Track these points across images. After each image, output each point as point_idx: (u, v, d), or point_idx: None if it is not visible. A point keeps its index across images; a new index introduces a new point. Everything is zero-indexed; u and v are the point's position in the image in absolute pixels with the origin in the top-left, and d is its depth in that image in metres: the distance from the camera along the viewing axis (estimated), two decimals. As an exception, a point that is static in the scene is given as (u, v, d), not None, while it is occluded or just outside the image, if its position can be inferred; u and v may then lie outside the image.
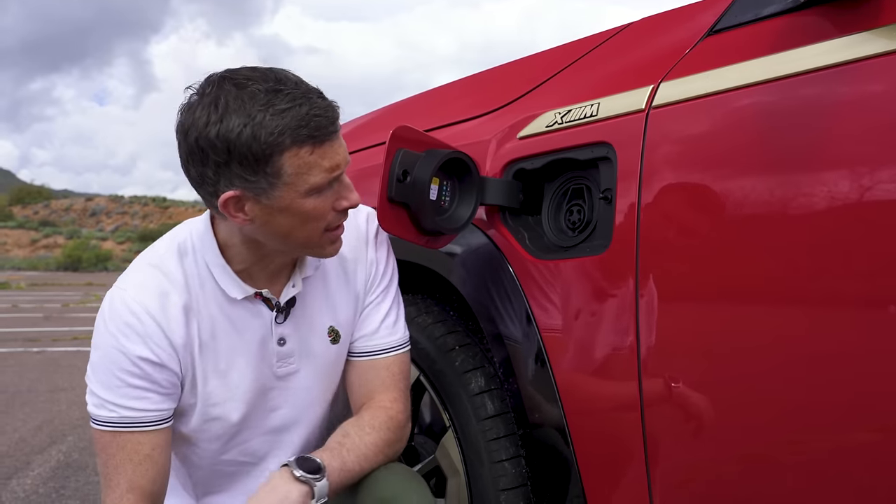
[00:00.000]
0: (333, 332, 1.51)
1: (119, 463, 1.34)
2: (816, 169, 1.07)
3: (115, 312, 1.36)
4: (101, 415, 1.35)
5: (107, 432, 1.34)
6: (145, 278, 1.39)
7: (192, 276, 1.40)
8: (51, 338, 8.98)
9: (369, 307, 1.55)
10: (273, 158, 1.23)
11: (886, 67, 1.03)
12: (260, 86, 1.24)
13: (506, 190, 1.52)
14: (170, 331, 1.36)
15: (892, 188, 1.00)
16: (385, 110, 2.23)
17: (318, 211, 1.31)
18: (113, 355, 1.34)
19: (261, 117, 1.22)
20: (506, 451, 1.52)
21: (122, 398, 1.34)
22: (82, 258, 37.91)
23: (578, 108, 1.42)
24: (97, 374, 1.36)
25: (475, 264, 1.60)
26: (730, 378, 1.18)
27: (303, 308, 1.49)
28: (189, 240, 1.42)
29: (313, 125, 1.24)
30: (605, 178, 1.36)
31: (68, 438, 4.12)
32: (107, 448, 1.35)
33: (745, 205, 1.15)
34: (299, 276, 1.47)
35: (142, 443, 1.35)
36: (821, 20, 1.13)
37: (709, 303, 1.21)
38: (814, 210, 1.07)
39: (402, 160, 1.43)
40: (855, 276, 1.04)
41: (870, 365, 1.02)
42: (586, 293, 1.36)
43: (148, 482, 1.35)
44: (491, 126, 1.64)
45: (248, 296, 1.41)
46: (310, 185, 1.27)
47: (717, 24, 1.29)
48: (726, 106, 1.20)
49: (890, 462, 1.02)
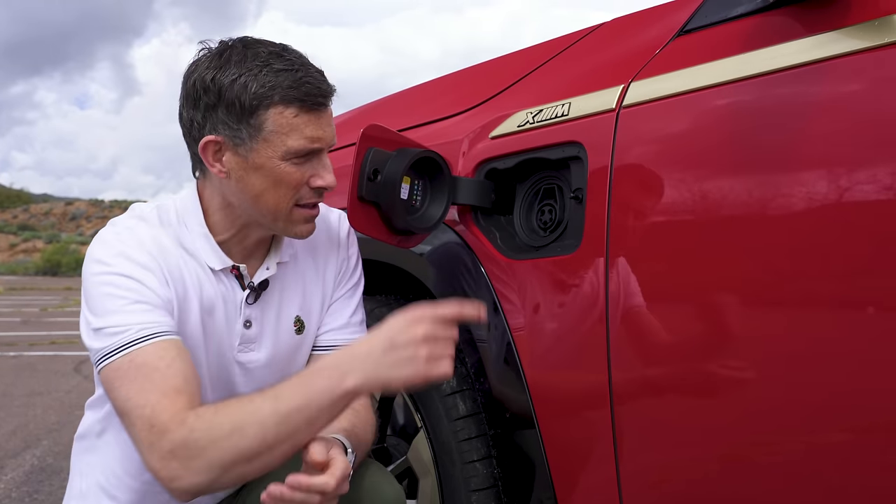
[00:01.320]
0: (299, 321, 1.51)
1: (144, 380, 1.22)
2: (787, 168, 1.08)
3: (109, 245, 1.33)
4: (112, 343, 1.25)
5: (125, 359, 1.23)
6: (135, 224, 1.38)
7: (172, 239, 1.39)
8: (28, 342, 8.90)
9: (337, 302, 1.55)
10: (259, 111, 1.28)
11: (855, 66, 1.04)
12: (265, 49, 1.31)
13: (478, 189, 1.52)
14: (161, 269, 1.34)
15: (862, 187, 1.01)
16: (358, 111, 2.23)
17: (291, 178, 1.32)
18: (112, 279, 1.29)
19: (256, 71, 1.28)
20: (477, 451, 1.52)
21: (130, 315, 1.27)
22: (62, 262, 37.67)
23: (550, 108, 1.42)
24: (97, 305, 1.29)
25: (447, 264, 1.59)
26: (700, 377, 1.17)
27: (273, 293, 1.48)
28: (172, 207, 1.43)
29: (304, 90, 1.28)
30: (577, 177, 1.36)
31: (43, 443, 4.07)
32: (126, 376, 1.22)
33: (716, 204, 1.15)
34: (275, 259, 1.47)
35: (166, 349, 1.26)
36: (790, 20, 1.14)
37: (679, 302, 1.21)
38: (785, 209, 1.07)
39: (372, 159, 1.42)
40: (828, 275, 1.04)
41: (845, 364, 1.03)
42: (557, 293, 1.36)
43: (181, 381, 1.23)
44: (463, 126, 1.63)
45: (225, 268, 1.41)
46: (287, 148, 1.29)
47: (688, 24, 1.29)
48: (696, 105, 1.21)
49: (864, 461, 1.03)
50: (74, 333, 9.87)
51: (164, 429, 1.18)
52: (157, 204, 1.44)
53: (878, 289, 0.99)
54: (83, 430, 1.53)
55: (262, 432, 1.17)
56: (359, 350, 1.22)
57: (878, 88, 1.02)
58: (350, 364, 1.20)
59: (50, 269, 36.71)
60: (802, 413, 1.07)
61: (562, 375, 1.37)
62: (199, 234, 1.40)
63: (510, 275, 1.45)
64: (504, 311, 1.45)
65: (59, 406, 5.04)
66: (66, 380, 6.20)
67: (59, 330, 10.44)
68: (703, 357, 1.16)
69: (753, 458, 1.13)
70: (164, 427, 1.18)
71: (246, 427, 1.17)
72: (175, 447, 1.17)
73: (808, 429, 1.08)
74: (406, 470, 1.72)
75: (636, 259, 1.24)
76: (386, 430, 1.87)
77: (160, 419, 1.19)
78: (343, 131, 1.53)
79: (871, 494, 1.02)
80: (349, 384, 1.18)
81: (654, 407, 1.24)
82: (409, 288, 1.82)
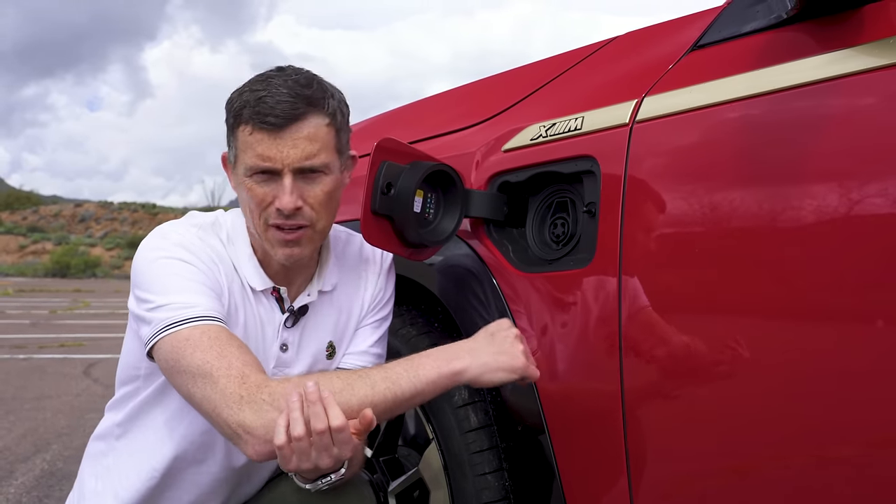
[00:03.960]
0: (331, 347, 1.54)
1: (223, 349, 1.25)
2: (800, 183, 1.08)
3: (169, 238, 1.39)
4: (180, 314, 1.29)
5: (195, 330, 1.27)
6: (195, 231, 1.43)
7: (223, 252, 1.44)
8: (37, 345, 8.92)
9: (363, 329, 1.59)
10: (236, 128, 1.36)
11: (869, 84, 1.04)
12: (269, 71, 1.38)
13: (490, 202, 1.52)
14: (217, 277, 1.40)
15: (875, 202, 1.01)
16: (371, 121, 2.23)
17: (255, 195, 1.35)
18: (174, 264, 1.35)
19: (242, 91, 1.36)
20: (489, 463, 1.52)
21: (198, 296, 1.32)
22: (71, 264, 37.75)
23: (563, 122, 1.42)
24: (160, 284, 1.33)
25: (459, 277, 1.60)
26: (713, 390, 1.18)
27: (313, 319, 1.51)
28: (225, 224, 1.47)
29: (258, 109, 1.31)
30: (589, 191, 1.36)
31: (53, 447, 4.08)
32: (200, 345, 1.25)
33: (729, 219, 1.15)
34: (317, 286, 1.50)
35: (233, 335, 1.31)
36: (804, 36, 1.14)
37: (692, 315, 1.21)
38: (797, 223, 1.08)
39: (386, 172, 1.43)
40: (842, 289, 1.04)
41: (860, 377, 1.03)
42: (570, 306, 1.36)
43: (256, 360, 1.28)
44: (476, 138, 1.64)
45: (266, 289, 1.44)
46: (245, 165, 1.35)
47: (702, 39, 1.30)
48: (710, 120, 1.21)
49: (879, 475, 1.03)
50: (84, 336, 9.91)
51: (262, 383, 1.22)
52: (213, 217, 1.48)
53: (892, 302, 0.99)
54: (101, 432, 1.56)
55: (370, 389, 1.25)
56: (461, 343, 1.36)
57: (892, 106, 1.02)
58: (456, 351, 1.34)
59: (59, 271, 36.79)
60: (817, 425, 1.07)
61: (574, 388, 1.37)
62: (244, 254, 1.44)
63: (522, 288, 1.46)
64: (516, 323, 1.45)
65: (69, 410, 5.06)
66: (76, 383, 6.21)
67: (69, 332, 10.46)
68: (716, 369, 1.16)
69: (766, 470, 1.13)
70: (261, 382, 1.23)
71: (356, 383, 1.25)
72: (277, 398, 1.20)
73: (823, 441, 1.07)
74: (417, 482, 1.73)
75: (649, 273, 1.25)
76: (397, 440, 1.87)
77: (254, 377, 1.23)
78: (356, 140, 1.53)
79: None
80: (457, 365, 1.31)
81: (666, 419, 1.24)
82: (421, 299, 1.83)
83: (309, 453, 1.16)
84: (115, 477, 1.49)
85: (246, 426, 1.19)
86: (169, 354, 1.27)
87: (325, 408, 1.15)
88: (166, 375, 1.32)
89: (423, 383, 1.28)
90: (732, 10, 1.27)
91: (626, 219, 1.28)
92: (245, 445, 1.20)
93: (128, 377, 1.50)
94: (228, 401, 1.20)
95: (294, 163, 1.32)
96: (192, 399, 1.26)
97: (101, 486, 1.50)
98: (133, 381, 1.49)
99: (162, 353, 1.29)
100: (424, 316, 1.79)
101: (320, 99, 1.34)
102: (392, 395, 1.26)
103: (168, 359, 1.28)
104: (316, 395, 1.15)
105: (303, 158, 1.32)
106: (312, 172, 1.34)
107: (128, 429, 1.50)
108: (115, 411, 1.54)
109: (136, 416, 1.49)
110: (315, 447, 1.16)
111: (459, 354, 1.33)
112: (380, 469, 1.81)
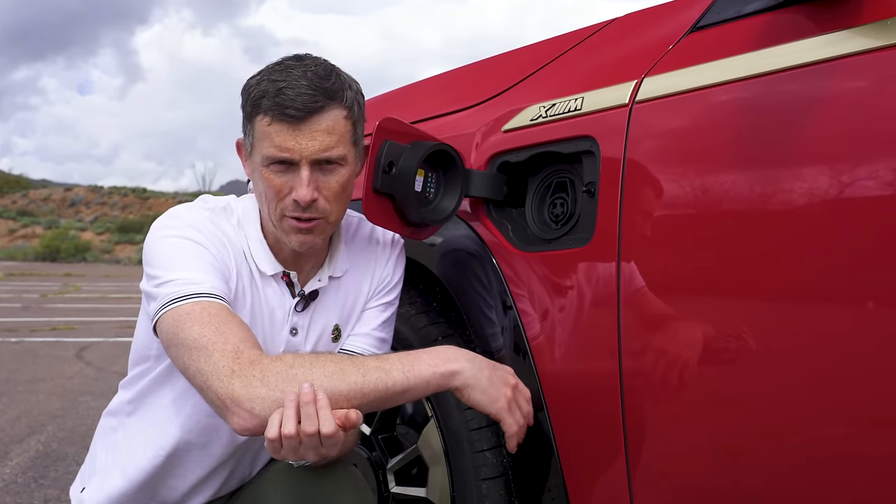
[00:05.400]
0: (337, 329, 1.55)
1: (220, 325, 1.26)
2: (798, 165, 1.09)
3: (183, 219, 1.40)
4: (184, 290, 1.30)
5: (196, 305, 1.28)
6: (208, 215, 1.44)
7: (233, 237, 1.44)
8: (29, 328, 8.90)
9: (368, 311, 1.59)
10: (253, 117, 1.35)
11: (867, 65, 1.05)
12: (287, 59, 1.38)
13: (490, 182, 1.53)
14: (225, 259, 1.41)
15: (874, 185, 1.02)
16: (371, 102, 2.23)
17: (272, 185, 1.35)
18: (186, 244, 1.37)
19: (260, 79, 1.35)
20: (487, 440, 1.54)
21: (204, 274, 1.33)
22: (61, 248, 37.58)
23: (563, 102, 1.43)
24: (168, 261, 1.35)
25: (459, 256, 1.61)
26: (711, 370, 1.19)
27: (322, 304, 1.52)
28: (237, 208, 1.48)
29: (278, 100, 1.31)
30: (589, 171, 1.37)
31: (47, 428, 4.09)
32: (200, 319, 1.27)
33: (728, 200, 1.16)
34: (328, 272, 1.51)
35: (233, 314, 1.32)
36: (802, 18, 1.14)
37: (691, 296, 1.22)
38: (796, 206, 1.08)
39: (387, 151, 1.44)
40: (839, 271, 1.05)
41: (855, 360, 1.04)
42: (569, 285, 1.38)
43: (254, 338, 1.30)
44: (476, 119, 1.64)
45: (276, 273, 1.45)
46: (262, 155, 1.35)
47: (700, 21, 1.30)
48: (709, 101, 1.22)
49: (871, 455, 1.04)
50: (75, 319, 9.90)
51: (255, 359, 1.23)
52: (225, 202, 1.49)
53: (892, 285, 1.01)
54: (113, 408, 1.58)
55: (361, 378, 1.25)
56: (468, 352, 1.35)
57: (891, 87, 1.03)
58: (456, 355, 1.34)
59: (49, 255, 36.62)
60: (812, 407, 1.09)
61: (573, 367, 1.39)
62: (254, 239, 1.45)
63: (522, 267, 1.47)
64: (516, 302, 1.47)
65: (62, 392, 5.06)
66: (69, 366, 6.22)
67: (60, 316, 10.45)
68: (714, 350, 1.18)
69: (762, 450, 1.14)
70: (254, 358, 1.23)
71: (348, 370, 1.25)
72: (267, 375, 1.21)
73: (818, 423, 1.09)
74: (416, 459, 1.74)
75: (648, 252, 1.26)
76: (395, 419, 1.89)
77: (248, 353, 1.24)
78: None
79: (876, 488, 1.04)
80: (453, 367, 1.31)
81: (664, 399, 1.25)
82: (420, 278, 1.84)
83: (297, 449, 1.18)
84: (124, 452, 1.51)
85: (234, 398, 1.19)
86: (169, 328, 1.28)
87: (317, 411, 1.16)
88: (166, 350, 1.32)
89: (415, 379, 1.28)
90: (732, -8, 1.27)
91: (626, 198, 1.29)
92: (232, 417, 1.20)
93: (140, 357, 1.51)
94: (220, 374, 1.21)
95: (312, 155, 1.32)
96: (187, 372, 1.27)
97: (110, 461, 1.52)
98: (145, 360, 1.50)
99: (164, 327, 1.30)
100: (423, 295, 1.80)
101: (339, 91, 1.34)
102: (383, 386, 1.25)
103: (168, 332, 1.29)
104: (310, 397, 1.16)
105: (321, 151, 1.32)
106: (329, 164, 1.35)
107: (137, 406, 1.52)
108: (126, 389, 1.56)
109: (145, 395, 1.51)
110: (304, 445, 1.17)
111: (458, 359, 1.33)
112: (378, 447, 1.82)
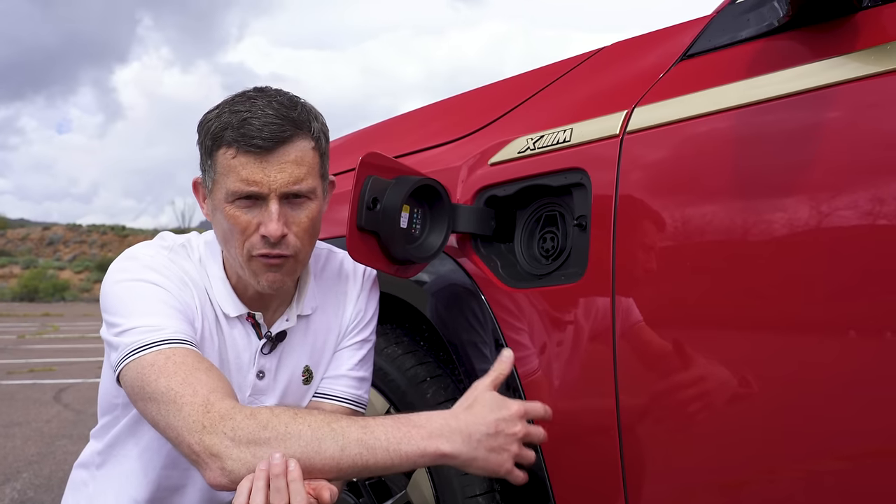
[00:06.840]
0: (307, 371, 1.49)
1: (187, 375, 1.20)
2: (793, 193, 1.06)
3: (139, 260, 1.34)
4: (146, 338, 1.23)
5: (160, 355, 1.21)
6: (166, 254, 1.38)
7: (195, 275, 1.38)
8: (6, 370, 8.75)
9: (343, 350, 1.53)
10: (214, 152, 1.29)
11: (860, 92, 1.03)
12: (248, 91, 1.31)
13: (478, 217, 1.49)
14: (186, 301, 1.34)
15: (872, 214, 0.99)
16: (354, 135, 2.20)
17: (238, 223, 1.28)
18: (143, 287, 1.30)
19: (219, 111, 1.29)
20: (479, 485, 1.48)
21: (165, 318, 1.27)
22: (39, 288, 37.28)
23: (551, 134, 1.40)
24: (127, 307, 1.28)
25: (447, 294, 1.57)
26: (709, 404, 1.15)
27: (290, 345, 1.46)
28: (197, 247, 1.42)
29: (242, 130, 1.25)
30: (580, 204, 1.34)
31: (23, 475, 3.98)
32: (165, 371, 1.20)
33: (722, 230, 1.13)
34: (296, 310, 1.44)
35: (202, 358, 1.25)
36: (795, 45, 1.13)
37: (686, 330, 1.19)
38: (791, 235, 1.06)
39: (371, 187, 1.39)
40: (839, 302, 1.03)
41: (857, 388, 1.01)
42: (561, 322, 1.33)
43: (224, 385, 1.23)
44: (462, 152, 1.61)
45: (240, 315, 1.39)
46: (227, 190, 1.28)
47: (691, 49, 1.28)
48: (702, 131, 1.19)
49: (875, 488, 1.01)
50: (53, 361, 9.74)
51: (226, 415, 1.16)
52: (185, 239, 1.43)
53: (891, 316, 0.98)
54: (84, 459, 1.52)
55: (339, 452, 1.16)
56: (463, 421, 1.22)
57: (886, 114, 1.00)
58: (451, 433, 1.21)
59: (27, 295, 36.28)
60: (811, 438, 1.05)
61: (568, 405, 1.34)
62: (217, 277, 1.39)
63: (512, 304, 1.42)
64: (506, 341, 1.42)
65: (39, 437, 4.94)
66: (46, 409, 6.09)
67: (38, 357, 10.28)
68: (711, 384, 1.14)
69: (762, 485, 1.11)
70: (225, 413, 1.16)
71: (325, 441, 1.16)
72: (238, 433, 1.14)
73: (818, 457, 1.06)
74: (405, 504, 1.68)
75: (643, 287, 1.22)
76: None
77: (220, 406, 1.17)
78: (337, 156, 1.50)
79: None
80: (446, 449, 1.19)
81: (663, 435, 1.21)
82: (407, 317, 1.79)
83: None
84: None
85: (210, 452, 1.13)
86: (134, 381, 1.22)
87: (287, 484, 1.10)
88: (133, 403, 1.26)
89: (401, 459, 1.18)
90: (723, 19, 1.26)
91: (619, 232, 1.25)
92: (205, 470, 1.15)
93: (108, 405, 1.45)
94: (191, 429, 1.15)
95: (281, 187, 1.26)
96: (157, 426, 1.21)
97: None
98: (113, 409, 1.44)
99: (128, 380, 1.24)
100: (410, 335, 1.75)
101: (306, 122, 1.30)
102: (362, 463, 1.17)
103: (133, 385, 1.22)
104: (280, 469, 1.10)
105: (290, 183, 1.27)
106: (297, 198, 1.29)
107: (107, 458, 1.45)
108: (97, 439, 1.49)
109: (114, 446, 1.44)
110: None
111: (453, 438, 1.20)
112: (366, 492, 1.76)
